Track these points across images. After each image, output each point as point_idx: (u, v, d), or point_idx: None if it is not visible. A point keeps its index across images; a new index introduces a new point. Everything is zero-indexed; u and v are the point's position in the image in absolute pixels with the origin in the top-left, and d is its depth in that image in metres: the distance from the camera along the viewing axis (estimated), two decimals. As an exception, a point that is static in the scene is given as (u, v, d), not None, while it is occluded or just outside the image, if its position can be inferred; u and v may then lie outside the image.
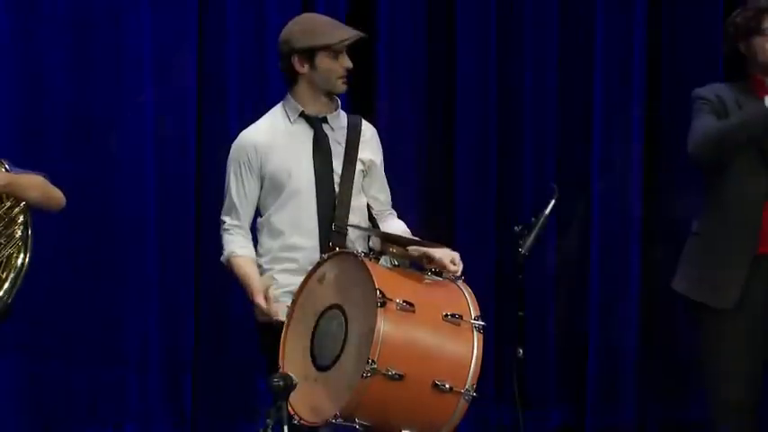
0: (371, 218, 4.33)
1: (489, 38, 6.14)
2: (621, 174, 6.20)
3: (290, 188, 4.18)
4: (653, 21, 6.22)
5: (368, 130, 4.35)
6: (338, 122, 4.29)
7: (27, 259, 3.87)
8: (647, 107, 6.22)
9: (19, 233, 3.86)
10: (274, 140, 4.23)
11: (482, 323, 3.83)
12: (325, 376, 3.81)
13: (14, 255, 3.84)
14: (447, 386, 3.72)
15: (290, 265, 4.18)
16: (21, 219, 3.89)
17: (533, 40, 6.19)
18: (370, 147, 4.33)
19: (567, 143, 6.24)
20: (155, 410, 5.80)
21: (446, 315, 3.80)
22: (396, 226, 4.33)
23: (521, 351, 4.20)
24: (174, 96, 5.78)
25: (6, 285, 3.81)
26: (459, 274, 4.01)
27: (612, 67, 6.21)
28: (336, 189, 4.20)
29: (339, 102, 4.33)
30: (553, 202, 4.31)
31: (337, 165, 4.23)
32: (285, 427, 3.58)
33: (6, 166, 3.94)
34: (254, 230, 4.30)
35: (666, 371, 6.20)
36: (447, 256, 4.04)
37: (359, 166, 4.25)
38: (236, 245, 4.22)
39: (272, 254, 4.22)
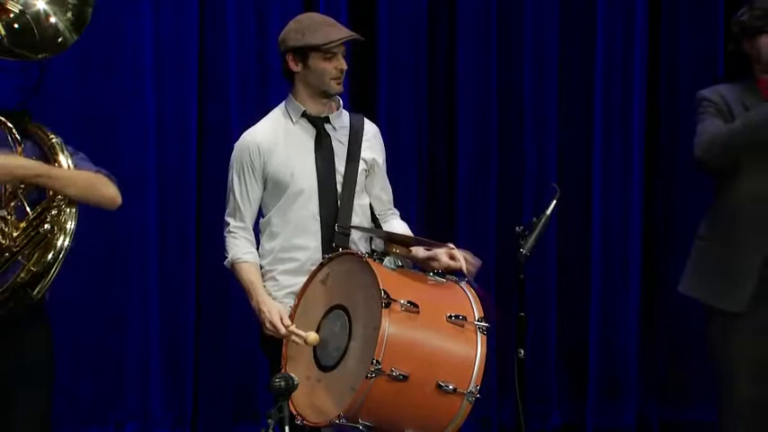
0: (374, 218, 4.31)
1: (489, 38, 6.13)
2: (622, 174, 6.19)
3: (292, 188, 4.15)
4: (653, 21, 6.23)
5: (370, 130, 4.32)
6: (340, 122, 4.27)
7: (56, 257, 3.72)
8: (648, 107, 6.22)
9: (46, 227, 3.74)
10: (276, 141, 4.20)
11: (486, 324, 3.84)
12: (329, 377, 3.82)
13: (46, 250, 3.73)
14: (451, 387, 3.72)
15: (292, 265, 4.14)
16: (52, 213, 3.75)
17: (533, 40, 6.19)
18: (373, 146, 4.30)
19: (567, 143, 6.24)
20: (155, 410, 5.79)
21: (450, 316, 3.80)
22: (398, 226, 4.31)
23: (521, 351, 4.18)
24: (175, 96, 5.78)
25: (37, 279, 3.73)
26: (463, 269, 4.01)
27: (612, 67, 6.21)
28: (339, 189, 4.17)
29: (341, 101, 4.30)
30: (555, 202, 4.29)
31: (340, 164, 4.20)
32: (287, 428, 3.57)
33: (71, 160, 3.81)
34: (255, 231, 4.27)
35: (666, 371, 6.21)
36: (445, 252, 4.04)
37: (362, 166, 4.23)
38: (241, 250, 4.17)
39: (273, 254, 4.18)
